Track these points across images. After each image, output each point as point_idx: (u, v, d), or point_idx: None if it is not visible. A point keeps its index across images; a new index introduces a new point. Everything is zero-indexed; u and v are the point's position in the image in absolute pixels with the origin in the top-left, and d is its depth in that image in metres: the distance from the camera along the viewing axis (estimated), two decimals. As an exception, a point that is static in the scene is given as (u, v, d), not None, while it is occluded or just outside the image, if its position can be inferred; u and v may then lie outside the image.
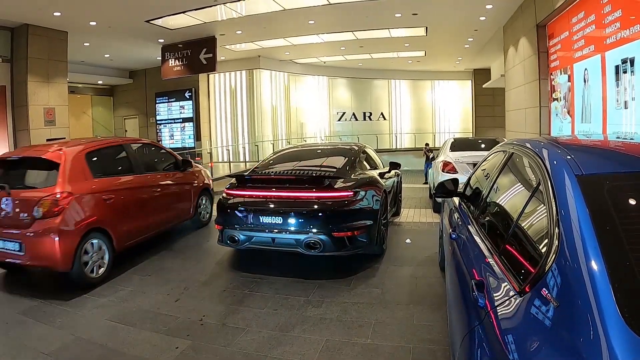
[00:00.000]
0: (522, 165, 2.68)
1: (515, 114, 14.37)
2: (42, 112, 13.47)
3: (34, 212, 5.30)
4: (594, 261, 1.50)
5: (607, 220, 1.69)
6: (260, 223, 5.70)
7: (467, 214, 3.40)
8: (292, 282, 5.45)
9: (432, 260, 6.07)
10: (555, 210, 1.84)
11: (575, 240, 1.63)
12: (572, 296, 1.49)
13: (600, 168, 2.09)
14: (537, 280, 1.71)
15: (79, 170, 5.77)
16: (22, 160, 6.05)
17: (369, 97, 28.75)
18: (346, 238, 5.53)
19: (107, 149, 6.60)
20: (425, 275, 5.52)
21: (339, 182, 5.77)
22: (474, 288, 2.10)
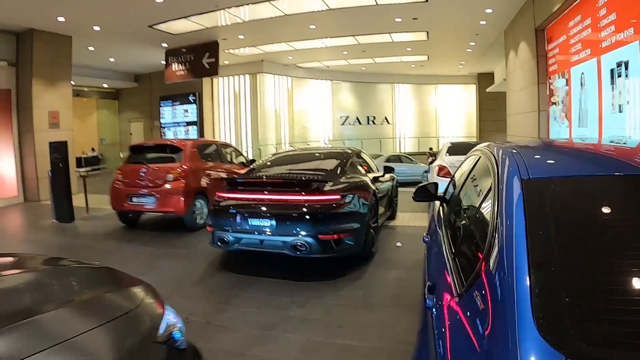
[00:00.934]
0: (483, 169, 2.71)
1: (515, 118, 14.36)
2: (47, 115, 13.65)
3: (167, 177, 8.60)
4: (520, 268, 1.50)
5: (541, 226, 1.67)
6: (249, 225, 5.82)
7: (440, 218, 3.46)
8: (280, 283, 5.55)
9: (420, 263, 6.06)
10: (497, 215, 1.85)
11: (508, 245, 1.63)
12: (496, 302, 1.49)
13: (548, 172, 2.09)
14: (471, 284, 1.73)
15: (193, 155, 9.22)
16: (155, 146, 9.95)
17: (373, 101, 28.75)
18: (332, 241, 5.63)
19: (205, 145, 10.38)
20: (411, 279, 5.57)
21: (328, 185, 5.88)
22: (426, 290, 2.16)
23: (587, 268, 1.54)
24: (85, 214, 10.73)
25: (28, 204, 13.09)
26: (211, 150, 10.27)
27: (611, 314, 1.37)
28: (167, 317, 2.30)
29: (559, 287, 1.46)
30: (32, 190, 13.49)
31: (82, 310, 2.08)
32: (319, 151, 8.50)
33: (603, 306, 1.40)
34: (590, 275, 1.51)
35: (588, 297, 1.44)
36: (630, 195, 1.87)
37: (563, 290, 1.44)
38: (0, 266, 2.55)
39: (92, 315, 2.03)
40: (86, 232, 9.24)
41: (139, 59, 19.76)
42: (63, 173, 10.10)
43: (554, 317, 1.35)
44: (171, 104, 22.70)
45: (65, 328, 1.85)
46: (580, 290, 1.46)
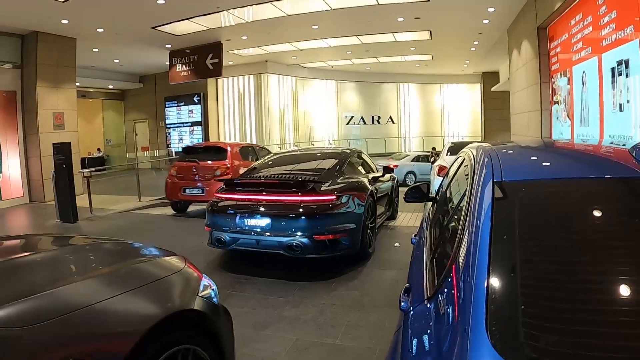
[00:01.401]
0: (465, 171, 2.69)
1: (519, 117, 14.32)
2: (52, 117, 13.75)
3: (215, 172, 10.22)
4: (480, 273, 1.47)
5: (506, 230, 1.64)
6: (246, 225, 5.88)
7: (429, 219, 3.48)
8: (276, 283, 5.60)
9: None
10: (467, 218, 1.83)
11: (472, 249, 1.61)
12: (455, 307, 1.48)
13: (522, 175, 2.06)
14: (438, 288, 1.73)
15: (236, 154, 11.00)
16: (204, 147, 11.93)
17: (378, 100, 28.69)
18: (328, 241, 5.68)
19: (245, 147, 12.06)
20: (407, 279, 5.57)
21: (324, 185, 5.94)
22: (402, 292, 2.17)
23: (547, 276, 1.52)
24: (89, 214, 10.78)
25: (33, 205, 13.19)
26: (249, 150, 11.93)
27: (565, 324, 1.34)
28: (204, 280, 2.90)
29: (515, 294, 1.43)
30: (37, 191, 13.58)
31: (140, 269, 2.69)
32: (319, 151, 8.51)
33: (558, 316, 1.37)
34: (550, 283, 1.49)
35: (545, 306, 1.42)
36: (599, 200, 1.85)
37: (520, 298, 1.41)
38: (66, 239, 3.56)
39: (149, 273, 2.65)
40: (88, 232, 9.27)
41: (144, 60, 19.84)
42: (66, 174, 10.16)
43: (507, 325, 1.33)
44: (176, 104, 22.85)
45: (131, 280, 2.47)
46: (537, 298, 1.44)
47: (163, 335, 2.34)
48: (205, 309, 2.71)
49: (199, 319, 2.68)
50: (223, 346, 2.83)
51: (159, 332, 2.29)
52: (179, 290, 2.66)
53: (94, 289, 2.25)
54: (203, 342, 2.64)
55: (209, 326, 2.73)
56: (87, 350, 2.00)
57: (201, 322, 2.69)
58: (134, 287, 2.41)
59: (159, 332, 2.29)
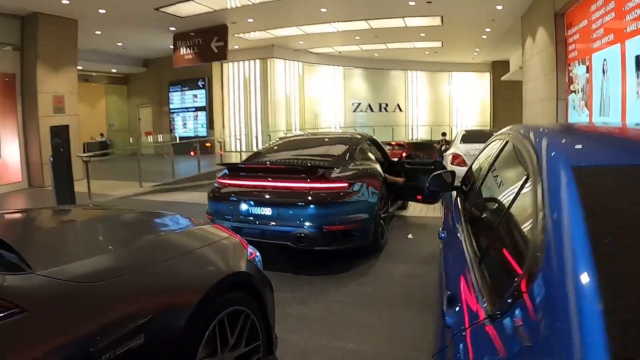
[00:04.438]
0: (515, 155, 2.25)
1: (532, 106, 13.97)
2: (51, 100, 13.40)
3: None
4: (585, 285, 1.11)
5: (607, 229, 1.27)
6: (250, 214, 5.50)
7: (459, 211, 3.08)
8: (282, 276, 5.19)
9: (433, 258, 5.67)
10: (543, 212, 1.43)
11: (564, 252, 1.24)
12: (551, 332, 1.10)
13: (604, 159, 1.67)
14: (511, 305, 1.31)
15: None
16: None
17: (385, 88, 28.25)
18: (338, 232, 5.31)
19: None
20: (421, 274, 5.22)
21: (335, 172, 5.53)
22: (444, 302, 1.80)
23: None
24: (88, 200, 10.46)
25: (32, 190, 12.90)
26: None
27: None
28: (249, 248, 3.03)
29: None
30: (36, 176, 13.26)
31: (196, 234, 2.99)
32: (328, 136, 8.11)
33: None
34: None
35: None
36: None
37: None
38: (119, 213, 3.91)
39: (205, 237, 2.90)
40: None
41: (148, 44, 19.47)
42: (64, 158, 9.83)
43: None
44: (180, 89, 22.62)
45: (188, 244, 2.72)
46: None
47: (220, 294, 2.47)
48: (254, 273, 2.87)
49: (249, 282, 2.79)
50: (267, 311, 2.94)
51: (217, 292, 2.43)
52: (232, 253, 2.85)
53: (165, 248, 2.58)
54: (252, 305, 2.75)
55: (256, 290, 2.84)
56: (161, 303, 2.16)
57: (250, 286, 2.79)
58: (197, 248, 2.66)
59: (217, 291, 2.44)
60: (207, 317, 2.32)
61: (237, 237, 3.05)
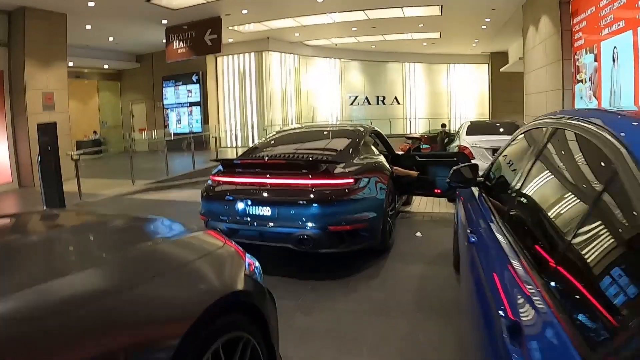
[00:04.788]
0: (578, 145, 1.84)
1: (535, 97, 13.69)
2: (41, 97, 12.98)
3: None
4: None
5: None
6: (247, 214, 5.05)
7: (491, 212, 2.66)
8: (283, 281, 4.80)
9: (445, 257, 5.33)
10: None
11: None
12: None
13: None
14: (624, 345, 0.93)
15: None
16: None
17: (383, 80, 28.09)
18: (344, 233, 4.88)
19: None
20: (437, 276, 4.83)
21: (339, 167, 5.10)
22: (505, 332, 1.40)
23: None
24: (79, 200, 10.05)
25: (22, 191, 12.47)
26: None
27: None
28: (247, 258, 2.56)
29: None
30: (26, 176, 12.82)
31: (181, 246, 2.40)
32: (329, 129, 7.63)
33: None
34: None
35: None
36: None
37: None
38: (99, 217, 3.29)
39: (192, 249, 2.35)
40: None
41: (140, 38, 19.04)
42: (52, 157, 9.41)
43: None
44: (174, 84, 22.26)
45: (173, 259, 2.18)
46: None
47: (213, 321, 2.00)
48: (252, 288, 2.39)
49: (248, 302, 2.34)
50: (270, 331, 2.47)
51: (209, 318, 1.97)
52: (228, 268, 2.36)
53: (144, 265, 2.02)
54: (252, 328, 2.30)
55: (256, 310, 2.38)
56: (137, 340, 1.66)
57: (249, 305, 2.34)
58: (184, 264, 2.14)
59: (210, 317, 1.97)
60: (198, 349, 1.90)
61: (233, 245, 2.57)
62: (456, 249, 4.62)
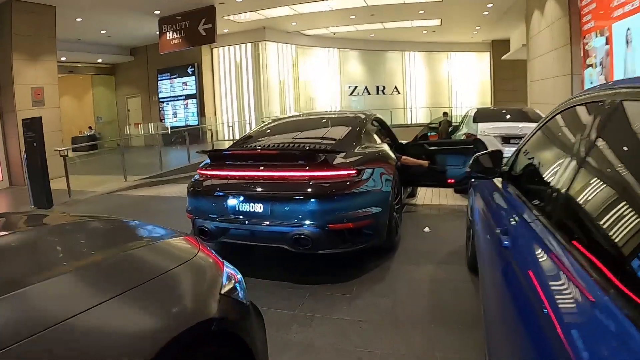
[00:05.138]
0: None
1: (540, 84, 13.27)
2: (30, 92, 12.54)
3: None
4: None
5: None
6: (237, 211, 4.58)
7: (529, 209, 2.13)
8: (279, 286, 4.33)
9: (458, 256, 4.89)
10: None
11: None
12: None
13: None
14: None
15: None
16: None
17: (382, 70, 27.64)
18: (346, 231, 4.40)
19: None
20: (451, 278, 4.36)
21: (339, 157, 4.62)
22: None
23: None
24: (68, 197, 9.64)
25: (13, 189, 12.08)
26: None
27: None
28: (226, 270, 2.11)
29: None
30: (17, 174, 12.35)
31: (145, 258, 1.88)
32: (327, 116, 7.13)
33: None
34: None
35: None
36: None
37: None
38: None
39: (153, 264, 1.84)
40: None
41: (133, 31, 18.61)
42: (38, 153, 8.99)
43: None
44: (169, 77, 21.85)
45: (130, 276, 1.67)
46: None
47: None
48: (231, 312, 1.91)
49: (224, 330, 1.84)
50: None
51: (172, 356, 1.52)
52: (199, 287, 1.85)
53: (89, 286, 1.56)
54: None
55: (236, 338, 1.89)
56: None
57: (227, 334, 1.86)
58: (142, 282, 1.63)
59: (172, 355, 1.52)
60: None
61: (210, 254, 2.12)
62: (471, 247, 4.17)
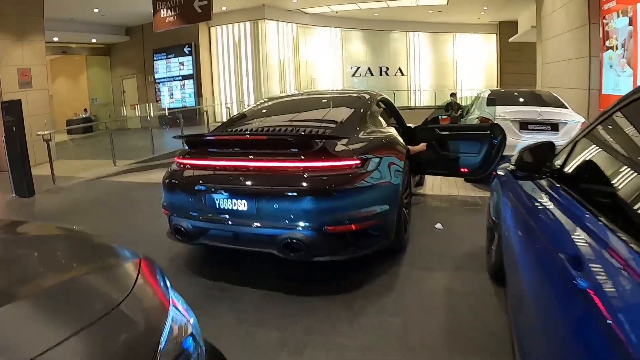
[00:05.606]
0: None
1: (554, 67, 12.69)
2: (16, 74, 11.89)
3: None
4: None
5: None
6: (217, 209, 3.87)
7: (614, 232, 1.45)
8: (268, 299, 3.67)
9: (476, 259, 4.21)
10: None
11: None
12: None
13: None
14: None
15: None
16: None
17: (386, 51, 26.90)
18: (348, 234, 3.71)
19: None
20: (469, 290, 3.67)
21: (340, 144, 3.92)
22: None
23: None
24: (52, 184, 9.04)
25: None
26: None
27: None
28: (172, 311, 1.46)
29: None
30: (2, 160, 11.81)
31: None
32: (328, 96, 6.28)
33: None
34: None
35: None
36: None
37: None
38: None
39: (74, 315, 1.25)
40: (41, 210, 7.61)
41: (127, 9, 18.02)
42: (17, 138, 8.37)
43: None
44: (165, 56, 21.31)
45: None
46: None
47: None
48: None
49: None
50: None
51: None
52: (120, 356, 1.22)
53: None
54: None
55: None
56: None
57: None
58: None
59: None
60: None
61: (152, 283, 1.55)
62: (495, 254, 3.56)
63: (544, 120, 7.38)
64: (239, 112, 6.15)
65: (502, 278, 3.05)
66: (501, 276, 3.04)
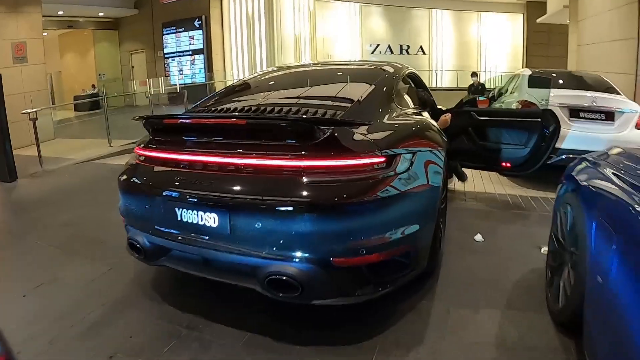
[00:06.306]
0: None
1: (593, 48, 11.68)
2: (10, 48, 11.27)
3: None
4: None
5: None
6: (180, 223, 2.78)
7: None
8: (251, 347, 2.65)
9: (531, 289, 3.21)
10: None
11: None
12: None
13: None
14: None
15: None
16: None
17: (407, 28, 25.81)
18: (365, 267, 2.59)
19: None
20: (528, 342, 2.63)
21: (357, 133, 2.76)
22: None
23: None
24: (39, 167, 8.24)
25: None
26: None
27: None
28: None
29: None
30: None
31: None
32: (344, 68, 4.91)
33: None
34: None
35: None
36: None
37: None
38: None
39: None
40: (18, 198, 6.82)
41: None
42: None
43: None
44: (175, 30, 20.50)
45: None
46: None
47: None
48: None
49: None
50: None
51: None
52: None
53: None
54: None
55: None
56: None
57: None
58: None
59: None
60: None
61: None
62: (565, 294, 2.61)
63: (597, 108, 6.30)
64: (232, 83, 4.89)
65: (569, 323, 2.51)
66: (569, 321, 2.46)
